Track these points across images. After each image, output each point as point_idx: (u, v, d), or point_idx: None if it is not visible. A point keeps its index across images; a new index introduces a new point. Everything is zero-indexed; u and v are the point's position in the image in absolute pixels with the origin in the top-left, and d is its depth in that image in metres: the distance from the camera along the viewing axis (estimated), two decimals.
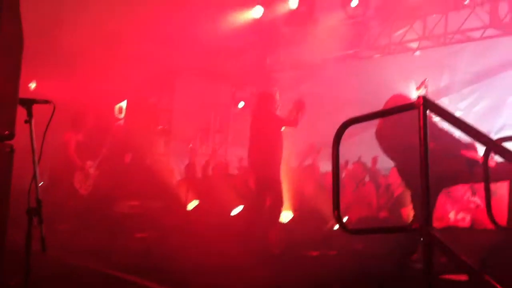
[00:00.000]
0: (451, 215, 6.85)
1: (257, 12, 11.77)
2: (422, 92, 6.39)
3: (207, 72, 13.62)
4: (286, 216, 8.40)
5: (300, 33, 11.59)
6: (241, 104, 13.77)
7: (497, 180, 6.62)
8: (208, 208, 9.54)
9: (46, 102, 3.31)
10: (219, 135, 13.97)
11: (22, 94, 3.10)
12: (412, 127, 5.27)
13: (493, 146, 2.41)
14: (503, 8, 8.43)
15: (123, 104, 11.48)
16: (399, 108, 2.77)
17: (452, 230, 6.60)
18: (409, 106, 2.69)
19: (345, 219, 7.92)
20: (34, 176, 3.21)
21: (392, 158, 5.63)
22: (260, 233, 7.22)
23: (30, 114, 3.26)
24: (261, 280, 5.09)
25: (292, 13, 11.46)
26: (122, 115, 11.34)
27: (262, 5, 11.66)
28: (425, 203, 2.53)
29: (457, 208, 6.90)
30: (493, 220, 3.63)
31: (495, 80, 14.15)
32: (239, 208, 9.08)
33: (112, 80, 11.23)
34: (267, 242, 7.13)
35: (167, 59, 13.04)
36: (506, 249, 4.33)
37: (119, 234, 8.09)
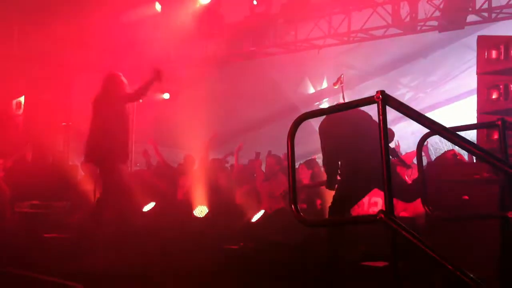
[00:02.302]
0: (365, 200, 7.14)
1: (157, 7, 11.63)
2: (338, 87, 6.64)
3: (106, 69, 13.24)
4: (202, 210, 8.39)
5: (205, 28, 11.55)
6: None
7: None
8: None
9: None
10: None
11: None
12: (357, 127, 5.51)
13: (452, 136, 2.55)
14: (405, 8, 8.94)
15: (21, 99, 10.86)
16: (357, 102, 2.84)
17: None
18: (367, 100, 2.77)
19: (261, 212, 8.04)
20: None
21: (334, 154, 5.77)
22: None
23: None
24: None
25: (198, 8, 11.42)
26: (21, 111, 10.72)
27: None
28: (388, 195, 2.62)
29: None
30: (426, 207, 3.87)
31: (388, 77, 15.02)
32: (151, 204, 8.91)
33: (8, 75, 10.65)
34: None
35: (65, 56, 12.56)
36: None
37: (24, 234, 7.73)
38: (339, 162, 5.76)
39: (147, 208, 8.94)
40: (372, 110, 3.06)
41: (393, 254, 2.59)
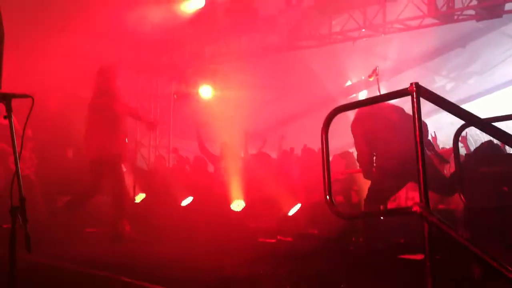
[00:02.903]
0: (402, 195, 7.10)
1: (195, 3, 11.72)
2: (373, 79, 6.61)
3: (144, 65, 13.46)
4: (239, 204, 8.46)
5: (239, 23, 11.58)
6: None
7: None
8: (157, 200, 9.43)
9: (25, 96, 3.18)
10: (160, 127, 13.82)
11: None
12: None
13: (488, 127, 2.53)
14: None
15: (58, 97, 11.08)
16: (391, 95, 2.83)
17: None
18: (401, 93, 2.76)
19: (298, 206, 8.06)
20: (17, 173, 3.08)
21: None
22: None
23: (9, 109, 3.12)
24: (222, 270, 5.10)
25: (231, 3, 11.47)
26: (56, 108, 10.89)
27: None
28: (423, 187, 2.61)
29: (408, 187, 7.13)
30: (463, 199, 3.83)
31: (425, 68, 14.79)
32: (189, 199, 9.05)
33: (46, 72, 10.88)
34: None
35: (102, 53, 12.77)
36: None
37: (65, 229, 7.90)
38: (374, 155, 5.75)
39: (185, 202, 9.08)
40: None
41: (428, 247, 2.58)
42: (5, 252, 3.01)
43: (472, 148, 8.57)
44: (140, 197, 9.77)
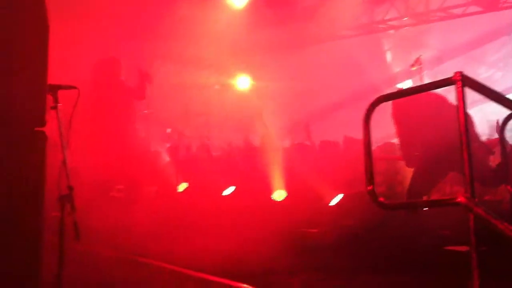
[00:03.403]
0: (447, 188, 7.02)
1: None
2: (416, 68, 6.52)
3: (183, 57, 13.60)
4: (281, 194, 8.49)
5: (278, 15, 11.55)
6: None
7: None
8: (199, 190, 9.54)
9: (72, 87, 3.27)
10: (201, 117, 13.96)
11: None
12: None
13: None
14: None
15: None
16: (434, 84, 2.80)
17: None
18: (445, 82, 2.72)
19: (340, 197, 8.03)
20: (64, 162, 3.17)
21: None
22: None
23: (56, 100, 3.21)
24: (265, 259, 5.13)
25: None
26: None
27: None
28: (468, 178, 2.58)
29: (451, 181, 7.05)
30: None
31: (469, 57, 14.46)
32: (231, 189, 9.13)
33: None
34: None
35: (142, 44, 12.95)
36: None
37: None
38: (416, 144, 5.70)
39: (227, 192, 9.16)
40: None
41: (473, 238, 2.55)
42: (55, 239, 3.11)
43: None
44: (182, 187, 9.90)
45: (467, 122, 2.60)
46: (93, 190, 8.61)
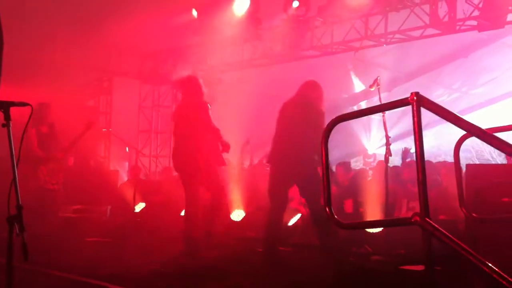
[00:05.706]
0: (403, 205, 7.11)
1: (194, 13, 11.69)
2: (375, 89, 6.60)
3: (144, 74, 13.53)
4: (238, 214, 8.44)
5: (242, 33, 11.58)
6: None
7: None
8: (157, 210, 9.44)
9: (24, 104, 3.17)
10: (161, 136, 13.86)
11: None
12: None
13: (490, 138, 2.51)
14: (443, 8, 8.80)
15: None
16: (390, 105, 2.82)
17: None
18: (401, 102, 2.74)
19: (298, 216, 8.04)
20: (14, 181, 3.06)
21: None
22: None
23: (8, 117, 3.11)
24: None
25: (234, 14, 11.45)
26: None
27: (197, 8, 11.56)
28: (422, 197, 2.59)
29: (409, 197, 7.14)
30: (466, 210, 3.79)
31: (427, 79, 14.78)
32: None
33: (49, 80, 10.94)
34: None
35: (103, 62, 12.85)
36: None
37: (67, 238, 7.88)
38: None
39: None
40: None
41: (428, 257, 2.56)
42: (2, 260, 3.00)
43: (474, 160, 8.57)
44: (139, 207, 9.78)
45: (422, 143, 2.62)
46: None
